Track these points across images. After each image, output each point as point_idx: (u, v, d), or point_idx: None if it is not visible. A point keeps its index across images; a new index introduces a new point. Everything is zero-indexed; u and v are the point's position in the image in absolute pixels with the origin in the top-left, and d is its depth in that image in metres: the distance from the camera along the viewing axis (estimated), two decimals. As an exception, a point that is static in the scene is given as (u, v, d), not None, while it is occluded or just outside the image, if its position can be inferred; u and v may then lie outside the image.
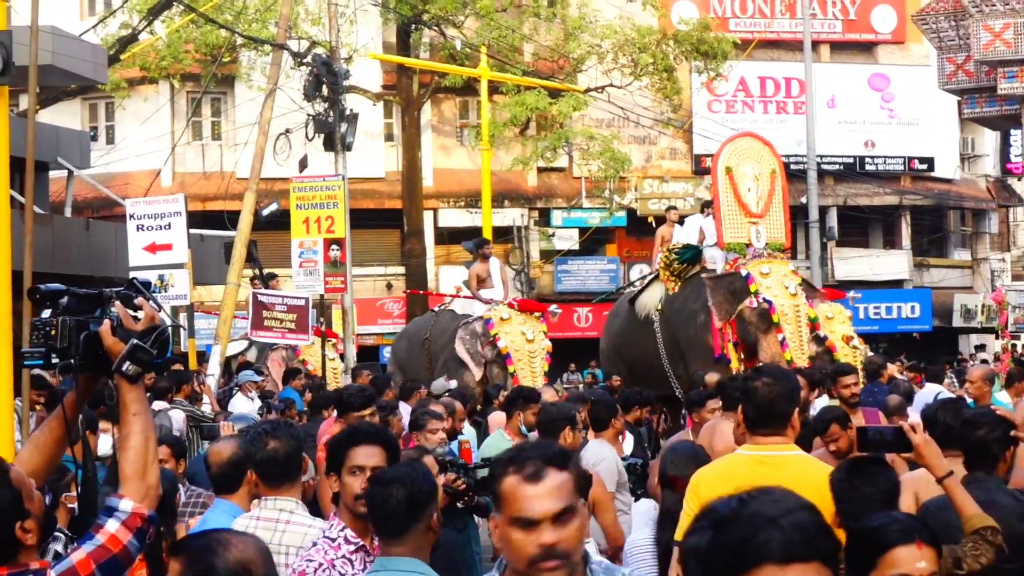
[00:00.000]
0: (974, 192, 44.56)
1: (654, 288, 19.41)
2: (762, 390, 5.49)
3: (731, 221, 18.31)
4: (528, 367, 18.34)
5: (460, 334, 18.94)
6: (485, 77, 32.08)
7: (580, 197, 38.63)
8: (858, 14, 42.11)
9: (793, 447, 5.58)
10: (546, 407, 8.22)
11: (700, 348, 18.02)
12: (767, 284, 17.48)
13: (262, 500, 5.49)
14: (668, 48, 34.57)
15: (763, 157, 19.14)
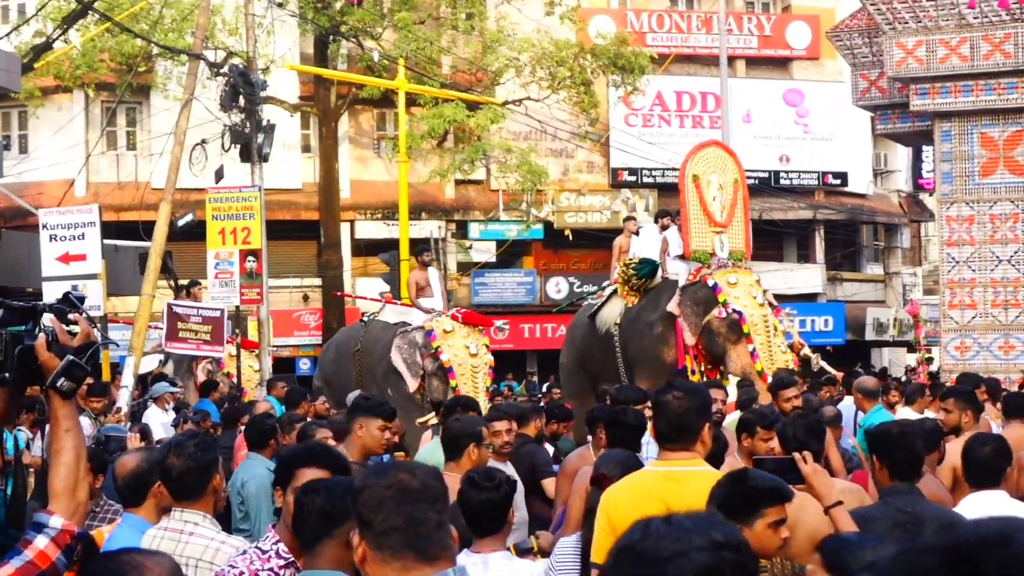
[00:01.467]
0: (887, 207, 45.07)
1: (614, 303, 19.23)
2: (673, 404, 5.47)
3: (696, 230, 18.24)
4: (471, 381, 17.95)
5: (397, 343, 18.54)
6: (403, 89, 32.03)
7: (497, 210, 38.67)
8: (774, 30, 42.51)
9: (702, 463, 5.57)
10: (451, 424, 7.93)
11: (650, 360, 17.85)
12: (735, 294, 17.38)
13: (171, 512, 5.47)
14: (585, 62, 34.68)
15: (727, 167, 19.09)
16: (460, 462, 7.35)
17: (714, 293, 17.35)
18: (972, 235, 24.79)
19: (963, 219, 24.84)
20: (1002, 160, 24.68)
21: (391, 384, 18.62)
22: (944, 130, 25.11)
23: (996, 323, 24.51)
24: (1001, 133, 24.69)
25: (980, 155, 24.81)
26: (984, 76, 24.36)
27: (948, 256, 25.15)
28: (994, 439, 6.78)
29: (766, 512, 4.69)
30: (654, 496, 5.32)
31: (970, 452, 6.55)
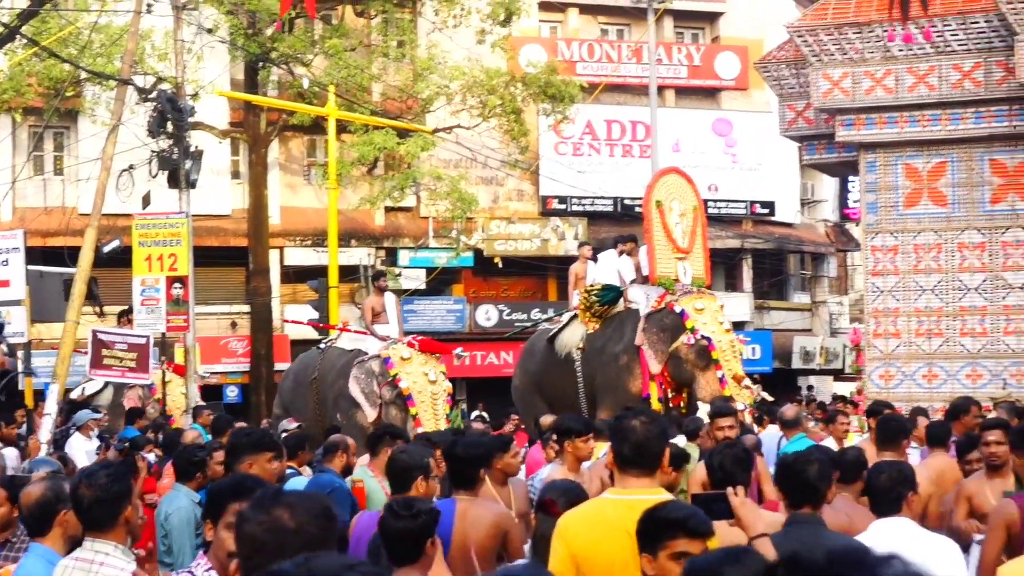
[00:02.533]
0: (813, 236, 45.45)
1: (574, 327, 19.14)
2: (639, 429, 5.50)
3: (660, 256, 18.19)
4: (431, 409, 17.86)
5: (354, 372, 18.41)
6: (333, 116, 32.00)
7: (427, 237, 38.67)
8: (703, 61, 42.84)
9: (661, 490, 5.61)
10: (397, 455, 7.65)
11: (616, 391, 17.73)
12: (703, 320, 17.37)
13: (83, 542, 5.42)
14: (516, 90, 34.82)
15: (686, 194, 19.09)
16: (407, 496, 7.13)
17: (681, 319, 17.29)
18: (896, 265, 25.02)
19: (887, 249, 25.09)
20: (926, 191, 24.95)
21: (341, 410, 18.46)
22: (869, 161, 25.36)
23: (920, 352, 24.73)
24: (925, 164, 24.97)
25: (904, 186, 25.07)
26: (909, 108, 24.63)
27: (873, 285, 25.37)
28: (892, 466, 6.85)
29: (669, 544, 4.70)
30: (614, 524, 5.35)
31: (870, 480, 6.64)
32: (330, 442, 11.04)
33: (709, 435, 11.00)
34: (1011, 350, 24.22)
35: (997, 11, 22.94)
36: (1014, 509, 6.94)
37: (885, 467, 6.78)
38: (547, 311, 38.22)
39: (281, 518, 3.31)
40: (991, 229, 24.49)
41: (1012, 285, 24.30)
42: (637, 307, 18.13)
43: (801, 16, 25.92)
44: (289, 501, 3.42)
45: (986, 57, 23.97)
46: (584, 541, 5.37)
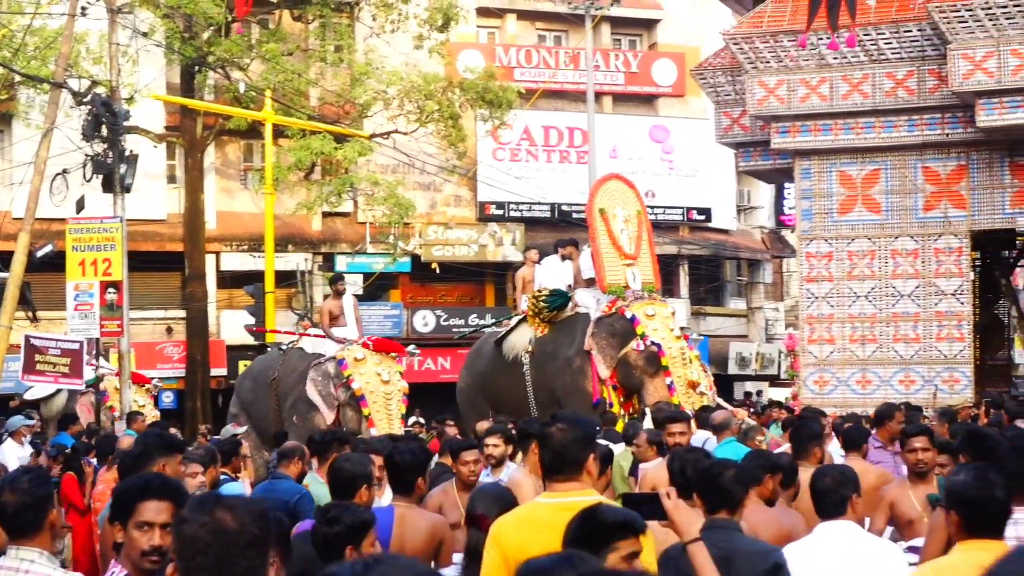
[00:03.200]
0: (750, 243, 45.73)
1: (523, 330, 19.04)
2: (557, 436, 5.50)
3: (608, 263, 18.09)
4: (384, 410, 17.75)
5: (311, 375, 18.29)
6: (270, 120, 31.91)
7: (364, 242, 38.57)
8: (640, 67, 43.00)
9: (593, 492, 5.61)
10: (340, 464, 7.49)
11: (576, 394, 17.65)
12: (654, 326, 17.23)
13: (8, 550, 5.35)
14: (453, 96, 34.82)
15: (629, 200, 19.01)
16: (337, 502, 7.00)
17: (632, 325, 17.21)
18: (831, 271, 25.22)
19: (822, 255, 25.28)
20: (860, 198, 25.16)
21: (299, 413, 18.38)
22: (804, 168, 25.55)
23: (853, 358, 24.93)
24: (859, 171, 25.18)
25: (839, 193, 25.28)
26: (843, 115, 24.84)
27: (808, 292, 25.56)
28: (836, 469, 6.89)
29: (618, 546, 4.70)
30: (547, 527, 5.32)
31: (814, 484, 6.66)
32: (286, 448, 10.99)
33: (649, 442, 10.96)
34: (943, 356, 24.47)
35: (930, 20, 23.18)
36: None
37: (829, 470, 6.82)
38: (485, 316, 38.28)
39: (223, 519, 3.34)
40: (924, 236, 24.73)
41: (944, 292, 24.54)
42: (587, 311, 18.08)
43: (737, 24, 26.09)
44: (229, 503, 3.45)
45: (919, 66, 24.21)
46: (517, 545, 5.37)
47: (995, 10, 22.42)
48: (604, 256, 18.12)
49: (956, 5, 22.57)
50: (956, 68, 22.78)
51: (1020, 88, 22.59)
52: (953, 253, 24.61)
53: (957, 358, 24.46)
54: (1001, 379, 29.42)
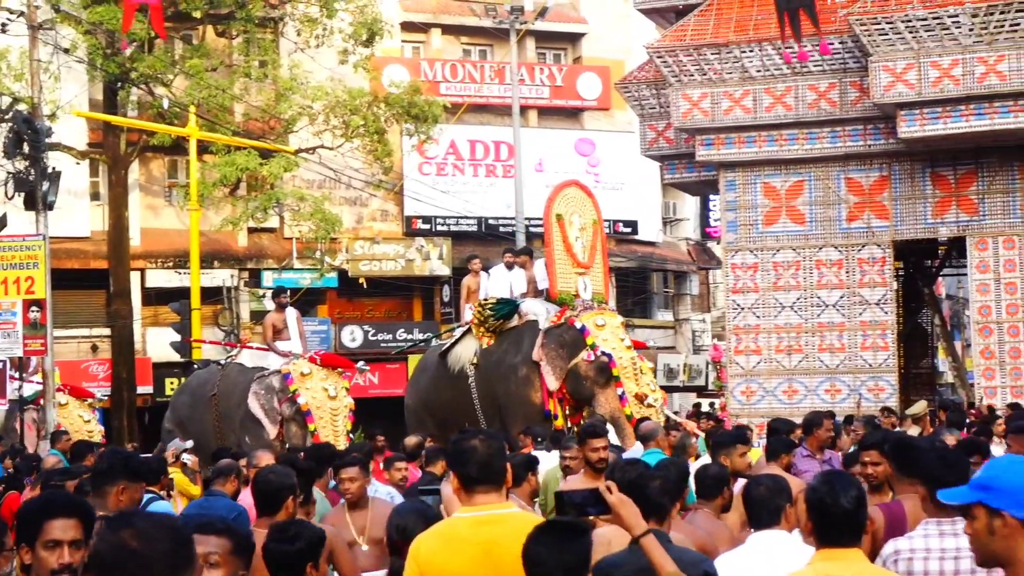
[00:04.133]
0: (676, 255, 45.96)
1: (467, 341, 18.74)
2: (482, 448, 5.47)
3: (560, 271, 17.89)
4: (330, 425, 17.50)
5: (255, 389, 18.04)
6: (194, 136, 31.73)
7: (291, 258, 38.40)
8: (565, 81, 43.13)
9: (511, 504, 5.62)
10: (265, 477, 7.37)
11: (521, 403, 17.43)
12: (604, 336, 17.03)
13: None
14: (379, 110, 34.75)
15: (586, 208, 18.82)
16: (275, 517, 7.00)
17: (582, 336, 17.04)
18: (756, 282, 25.39)
19: (748, 267, 25.45)
20: (784, 209, 25.37)
21: (249, 431, 18.05)
22: (729, 180, 25.72)
23: (780, 368, 25.11)
24: (783, 183, 25.38)
25: (763, 204, 25.47)
26: (767, 128, 25.04)
27: (734, 303, 25.72)
28: (769, 479, 6.90)
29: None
30: (469, 542, 5.34)
31: (747, 493, 6.67)
32: (222, 466, 10.90)
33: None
34: (868, 365, 24.70)
35: (851, 33, 23.42)
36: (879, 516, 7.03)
37: (764, 479, 6.83)
38: (413, 331, 38.27)
39: (126, 539, 3.33)
40: (847, 246, 24.96)
41: (868, 301, 24.78)
42: (535, 319, 17.88)
43: (661, 37, 26.25)
44: (137, 523, 3.43)
45: (841, 78, 24.46)
46: (436, 560, 5.36)
47: (915, 23, 22.69)
48: (557, 264, 17.93)
49: (877, 18, 22.83)
50: (877, 80, 23.03)
51: (940, 99, 22.87)
52: (877, 263, 24.85)
53: (882, 367, 24.70)
54: (925, 387, 29.74)
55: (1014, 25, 22.37)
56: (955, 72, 22.70)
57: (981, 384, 24.31)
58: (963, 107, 22.91)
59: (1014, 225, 24.18)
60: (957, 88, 22.71)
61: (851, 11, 23.25)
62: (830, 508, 5.00)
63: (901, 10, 22.76)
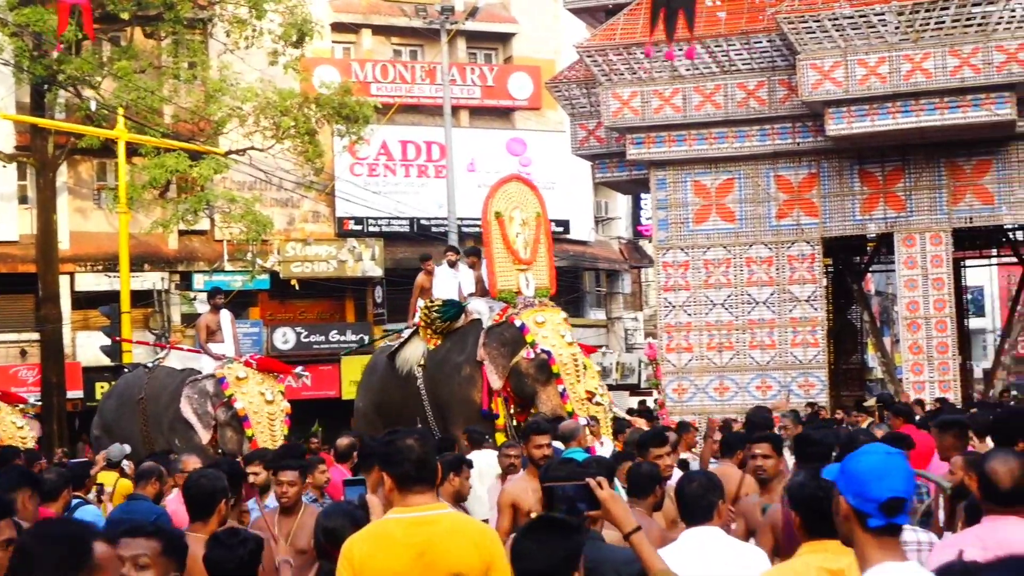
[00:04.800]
0: (608, 254, 46.09)
1: (415, 343, 18.54)
2: (418, 446, 5.47)
3: (501, 268, 17.71)
4: (267, 430, 17.19)
5: (187, 392, 17.65)
6: (123, 139, 31.48)
7: (222, 260, 38.21)
8: (496, 81, 43.16)
9: (444, 505, 5.64)
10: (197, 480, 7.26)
11: (463, 403, 17.23)
12: (544, 334, 16.82)
13: None
14: (310, 111, 34.60)
15: (528, 202, 18.65)
16: (209, 521, 6.95)
17: (522, 333, 16.89)
18: (687, 280, 25.53)
19: (679, 265, 25.58)
20: (714, 207, 25.52)
21: (179, 434, 17.71)
22: (659, 178, 25.84)
23: (711, 366, 25.25)
24: (713, 181, 25.53)
25: (694, 202, 25.61)
26: (696, 126, 25.18)
27: (665, 301, 25.84)
28: (702, 475, 6.94)
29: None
30: (403, 544, 5.35)
31: (680, 489, 6.70)
32: (143, 469, 10.82)
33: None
34: (798, 361, 24.88)
35: (779, 31, 23.59)
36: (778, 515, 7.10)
37: (696, 476, 6.85)
38: (345, 332, 38.20)
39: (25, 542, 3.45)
40: (777, 244, 25.14)
41: (798, 298, 24.97)
42: (479, 318, 17.78)
43: (591, 37, 26.32)
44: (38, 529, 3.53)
45: (769, 76, 24.64)
46: (371, 563, 5.35)
47: (842, 21, 22.89)
48: (497, 262, 17.82)
49: (804, 16, 23.00)
50: (805, 78, 23.21)
51: (867, 97, 23.09)
52: (806, 260, 25.05)
53: (812, 363, 24.89)
54: (855, 383, 30.05)
55: (939, 23, 22.61)
56: (882, 70, 22.92)
57: (909, 379, 24.56)
58: (890, 105, 23.14)
59: (940, 221, 24.45)
60: (884, 86, 22.93)
61: (779, 9, 23.42)
62: (817, 501, 5.07)
63: (828, 8, 22.94)
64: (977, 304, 59.52)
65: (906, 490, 4.15)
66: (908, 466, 4.24)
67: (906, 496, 4.15)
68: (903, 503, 4.13)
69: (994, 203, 24.34)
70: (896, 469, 4.17)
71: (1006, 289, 56.15)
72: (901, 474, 4.17)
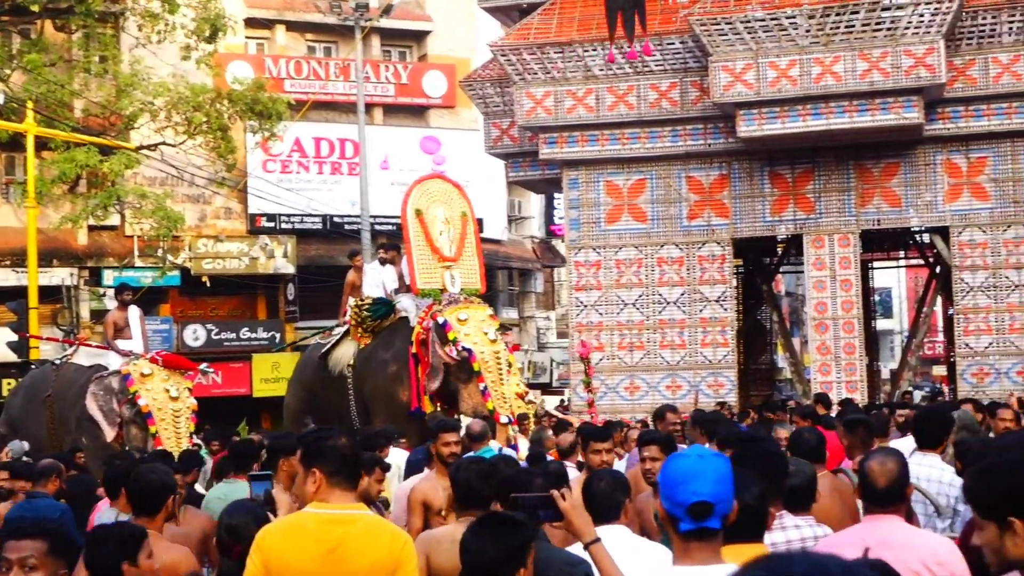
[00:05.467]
0: (521, 253, 46.17)
1: (347, 343, 18.52)
2: (343, 444, 5.48)
3: (424, 266, 17.60)
4: (172, 428, 16.99)
5: (92, 389, 17.41)
6: (32, 132, 31.11)
7: (132, 256, 37.85)
8: (410, 79, 43.09)
9: (362, 506, 5.63)
10: (146, 476, 7.09)
11: (386, 400, 17.22)
12: (466, 331, 16.81)
13: None
14: (222, 107, 34.35)
15: (453, 200, 18.63)
16: (156, 518, 6.87)
17: (444, 330, 16.94)
18: (599, 280, 25.65)
19: (591, 264, 25.70)
20: (626, 207, 25.67)
21: (86, 432, 17.53)
22: (572, 178, 25.95)
23: (622, 365, 25.40)
24: (625, 181, 25.68)
25: (606, 202, 25.73)
26: (609, 127, 25.32)
27: (577, 300, 25.96)
28: (610, 474, 6.98)
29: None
30: (313, 538, 5.35)
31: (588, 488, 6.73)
32: (43, 466, 10.72)
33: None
34: (708, 361, 25.09)
35: (692, 33, 23.77)
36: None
37: (604, 474, 6.88)
38: (256, 330, 37.99)
39: None
40: (688, 244, 25.33)
41: (708, 298, 25.17)
42: (406, 316, 17.78)
43: (505, 36, 26.38)
44: None
45: (682, 77, 24.83)
46: (280, 553, 5.34)
47: (754, 24, 23.10)
48: (419, 259, 17.79)
49: (717, 19, 23.19)
50: (717, 80, 23.41)
51: (778, 100, 23.33)
52: (716, 260, 25.26)
53: (722, 363, 25.11)
54: (764, 383, 30.33)
55: (849, 27, 22.89)
56: (792, 73, 23.16)
57: (817, 379, 24.83)
58: (800, 107, 23.39)
59: (849, 223, 24.74)
60: (794, 88, 23.18)
61: (692, 11, 23.60)
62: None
63: (740, 11, 23.15)
64: (885, 306, 60.27)
65: (714, 494, 4.06)
66: (726, 471, 4.15)
67: (713, 501, 4.06)
68: (710, 508, 4.05)
69: (902, 206, 24.67)
70: (706, 473, 4.08)
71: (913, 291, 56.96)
72: (710, 478, 4.07)
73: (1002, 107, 23.74)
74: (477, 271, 18.42)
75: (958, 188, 24.38)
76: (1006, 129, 23.83)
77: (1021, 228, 23.98)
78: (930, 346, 46.50)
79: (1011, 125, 23.75)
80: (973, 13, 23.33)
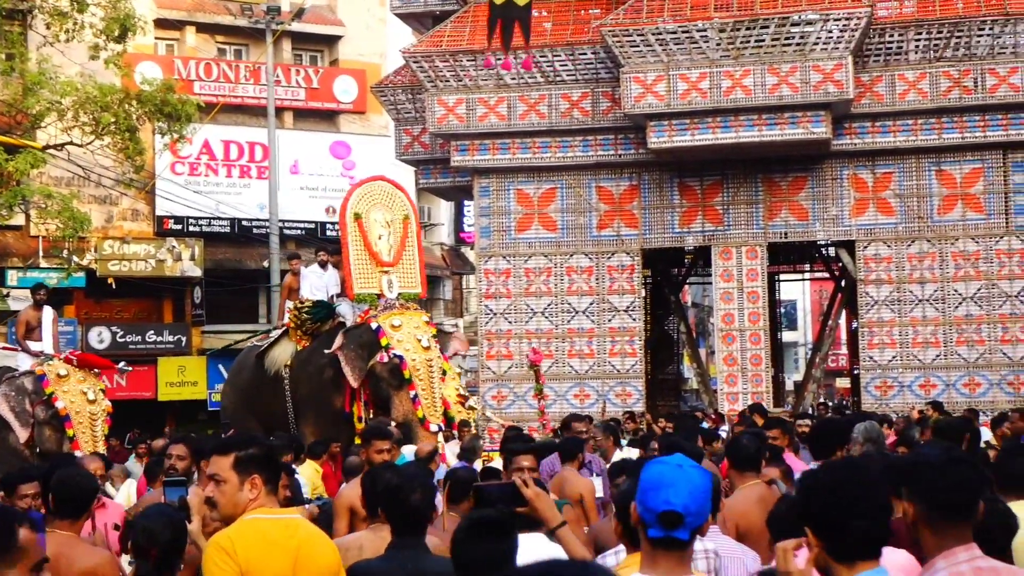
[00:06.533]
0: (430, 260, 46.07)
1: (284, 344, 18.42)
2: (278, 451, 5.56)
3: (361, 270, 17.48)
4: (89, 430, 16.87)
5: (3, 390, 17.20)
6: (-64, 130, 30.69)
7: (37, 257, 37.41)
8: (321, 83, 42.93)
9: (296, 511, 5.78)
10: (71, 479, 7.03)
11: (319, 403, 17.13)
12: (398, 337, 16.80)
13: None
14: (131, 108, 34.00)
15: (395, 203, 18.49)
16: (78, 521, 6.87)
17: (377, 336, 16.87)
18: (509, 288, 25.69)
19: (500, 272, 25.73)
20: (537, 216, 25.73)
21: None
22: (483, 186, 25.98)
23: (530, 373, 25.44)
24: (536, 190, 25.74)
25: (516, 211, 25.78)
26: (520, 135, 25.36)
27: (486, 308, 25.98)
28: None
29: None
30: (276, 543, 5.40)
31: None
32: None
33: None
34: (616, 371, 25.20)
35: (603, 44, 23.89)
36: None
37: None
38: (163, 332, 37.67)
39: None
40: (598, 254, 25.44)
41: (617, 308, 25.30)
42: (345, 321, 17.71)
43: (417, 42, 26.36)
44: None
45: (593, 88, 24.94)
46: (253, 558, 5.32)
47: (665, 36, 23.25)
48: (356, 264, 17.70)
49: (628, 30, 23.32)
50: (628, 91, 23.53)
51: (688, 112, 23.49)
52: (626, 271, 25.38)
53: (629, 373, 25.23)
54: (671, 393, 30.54)
55: (759, 41, 23.10)
56: (703, 85, 23.34)
57: (724, 390, 25.02)
58: (710, 119, 23.57)
59: (756, 236, 24.96)
60: (705, 101, 23.35)
61: (604, 22, 23.71)
62: None
63: (652, 23, 23.29)
64: (790, 318, 60.86)
65: (685, 505, 4.04)
66: (703, 483, 4.12)
67: (683, 512, 4.04)
68: (680, 517, 4.03)
69: (808, 219, 24.92)
70: (680, 484, 4.06)
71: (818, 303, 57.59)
72: (684, 488, 4.05)
73: (908, 124, 24.07)
74: (418, 275, 18.45)
75: (864, 203, 24.67)
76: (912, 145, 24.15)
77: (925, 243, 24.31)
78: (834, 358, 46.97)
79: (916, 142, 24.08)
80: (881, 30, 23.64)
